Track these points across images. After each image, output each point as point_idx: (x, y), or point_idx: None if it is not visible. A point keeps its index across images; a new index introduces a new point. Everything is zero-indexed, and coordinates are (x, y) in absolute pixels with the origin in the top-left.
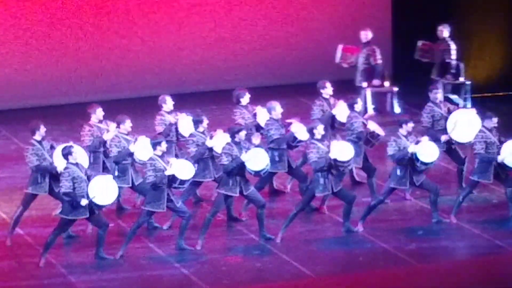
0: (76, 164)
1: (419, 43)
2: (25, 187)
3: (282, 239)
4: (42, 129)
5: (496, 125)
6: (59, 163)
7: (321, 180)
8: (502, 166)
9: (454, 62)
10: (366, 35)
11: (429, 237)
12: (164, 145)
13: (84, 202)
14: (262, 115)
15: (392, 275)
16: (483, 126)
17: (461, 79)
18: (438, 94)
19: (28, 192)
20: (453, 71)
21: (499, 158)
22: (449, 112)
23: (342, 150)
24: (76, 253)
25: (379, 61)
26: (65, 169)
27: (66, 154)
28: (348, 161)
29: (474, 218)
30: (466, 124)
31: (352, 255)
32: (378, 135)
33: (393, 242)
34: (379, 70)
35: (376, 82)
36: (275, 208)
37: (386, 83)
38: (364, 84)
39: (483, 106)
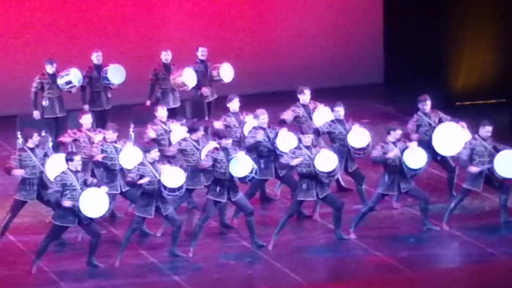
0: (75, 172)
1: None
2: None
3: (274, 246)
4: (35, 137)
5: (489, 133)
6: (50, 171)
7: (304, 185)
8: (494, 173)
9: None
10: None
11: (421, 244)
12: (155, 153)
13: (67, 203)
14: (248, 125)
15: (384, 282)
16: (477, 134)
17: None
18: (426, 106)
19: (17, 198)
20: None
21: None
22: (440, 121)
23: (325, 161)
24: (68, 260)
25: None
26: (61, 173)
27: (68, 160)
28: (331, 172)
29: (466, 226)
30: (451, 137)
31: (344, 262)
32: (361, 148)
33: (385, 249)
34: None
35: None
36: (267, 216)
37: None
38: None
39: (475, 114)
